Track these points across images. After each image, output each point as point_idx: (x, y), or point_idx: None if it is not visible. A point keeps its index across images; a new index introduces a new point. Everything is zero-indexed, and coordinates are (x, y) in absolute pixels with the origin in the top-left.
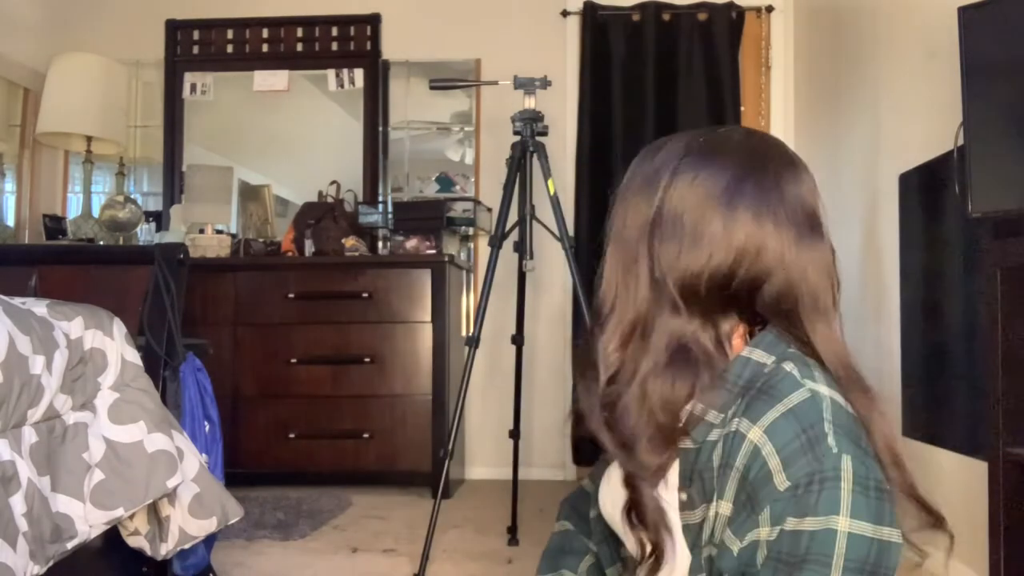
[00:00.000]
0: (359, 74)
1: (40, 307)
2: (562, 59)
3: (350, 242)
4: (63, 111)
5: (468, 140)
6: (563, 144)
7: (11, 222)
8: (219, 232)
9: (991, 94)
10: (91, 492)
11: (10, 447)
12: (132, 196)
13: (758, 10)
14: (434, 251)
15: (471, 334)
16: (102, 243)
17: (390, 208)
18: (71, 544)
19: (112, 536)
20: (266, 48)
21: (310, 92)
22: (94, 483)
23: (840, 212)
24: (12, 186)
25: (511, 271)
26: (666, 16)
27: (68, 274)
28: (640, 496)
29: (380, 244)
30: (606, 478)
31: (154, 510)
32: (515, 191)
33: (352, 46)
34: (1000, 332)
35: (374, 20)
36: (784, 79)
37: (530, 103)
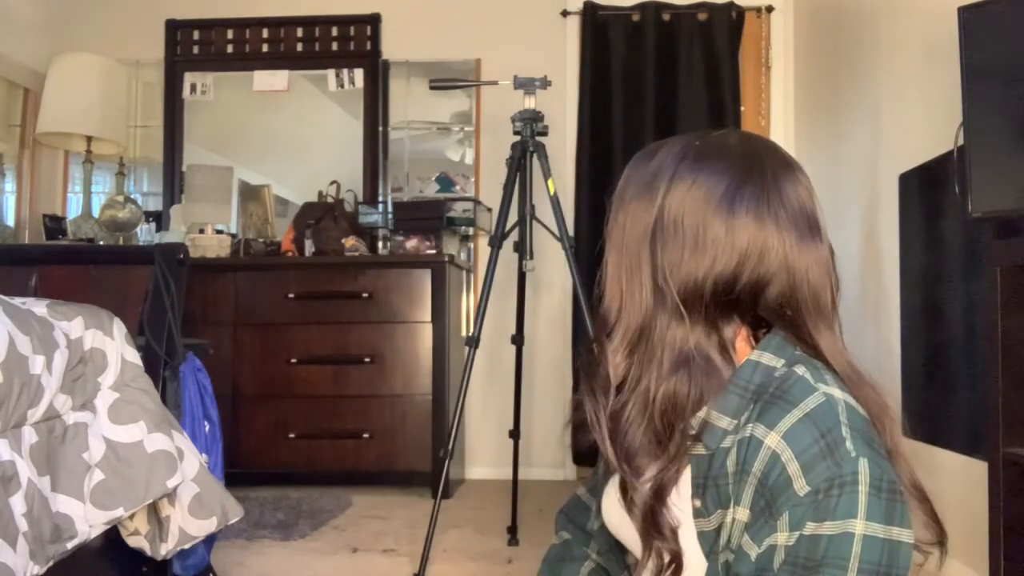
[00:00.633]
0: (359, 74)
1: (40, 307)
2: (562, 59)
3: (350, 242)
4: (63, 111)
5: (468, 140)
6: (563, 144)
7: (11, 222)
8: (219, 232)
9: (991, 94)
10: (91, 492)
11: (10, 447)
12: (132, 196)
13: (758, 10)
14: (434, 251)
15: (471, 334)
16: (102, 243)
17: (390, 208)
18: (71, 544)
19: (112, 536)
20: (266, 48)
21: (310, 92)
22: (94, 483)
23: (840, 212)
24: (12, 186)
25: (511, 271)
26: (666, 16)
27: (68, 274)
28: (648, 507)
29: (380, 244)
30: (610, 491)
31: (154, 510)
32: (515, 191)
33: (352, 46)
34: (1000, 332)
35: (374, 20)
36: (784, 79)
37: (530, 103)
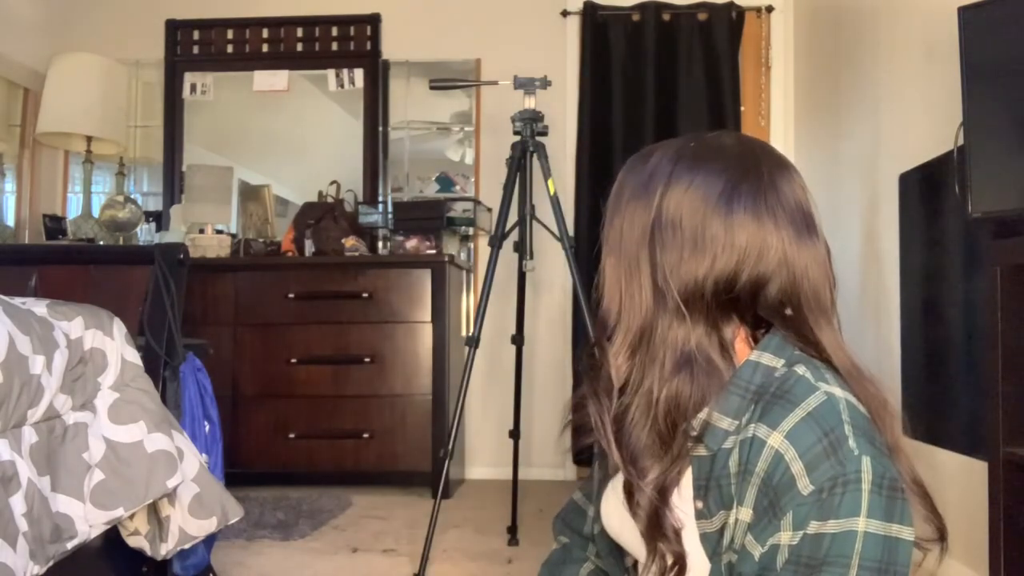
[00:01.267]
0: (359, 74)
1: (40, 307)
2: (562, 59)
3: (350, 242)
4: (63, 111)
5: (468, 140)
6: (563, 144)
7: (11, 222)
8: (219, 232)
9: (991, 94)
10: (91, 492)
11: (10, 447)
12: (132, 196)
13: (758, 10)
14: (434, 251)
15: (471, 334)
16: (102, 243)
17: (390, 208)
18: (71, 544)
19: (112, 536)
20: (266, 48)
21: (310, 92)
22: (94, 483)
23: (840, 212)
24: (12, 186)
25: (511, 271)
26: (666, 16)
27: (68, 274)
28: (653, 508)
29: (380, 244)
30: (609, 494)
31: (154, 510)
32: (515, 191)
33: (352, 46)
34: (1000, 332)
35: (374, 20)
36: (784, 79)
37: (530, 103)
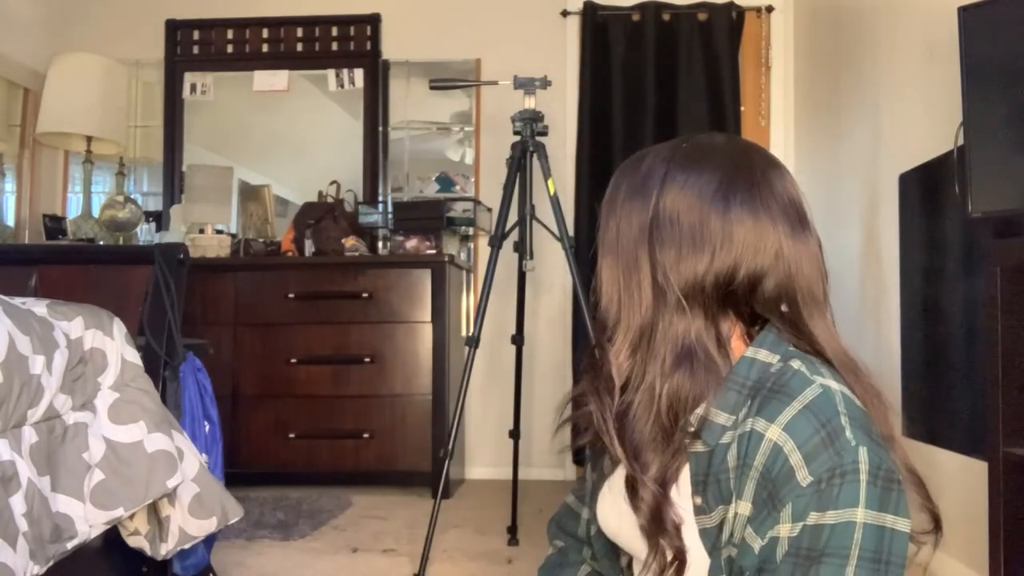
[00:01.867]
0: (359, 74)
1: (40, 307)
2: (562, 59)
3: (350, 242)
4: (63, 111)
5: (468, 140)
6: (563, 144)
7: (11, 222)
8: (219, 232)
9: (991, 94)
10: (91, 492)
11: (10, 447)
12: (132, 196)
13: (758, 10)
14: (434, 251)
15: (471, 334)
16: (102, 243)
17: (390, 208)
18: (71, 544)
19: (112, 536)
20: (266, 48)
21: (310, 92)
22: (94, 483)
23: (840, 212)
24: (12, 186)
25: (511, 271)
26: (666, 16)
27: (68, 274)
28: (656, 503)
29: (380, 244)
30: (605, 494)
31: (154, 510)
32: (515, 191)
33: (352, 46)
34: (1000, 332)
35: (374, 20)
36: (784, 79)
37: (530, 103)
